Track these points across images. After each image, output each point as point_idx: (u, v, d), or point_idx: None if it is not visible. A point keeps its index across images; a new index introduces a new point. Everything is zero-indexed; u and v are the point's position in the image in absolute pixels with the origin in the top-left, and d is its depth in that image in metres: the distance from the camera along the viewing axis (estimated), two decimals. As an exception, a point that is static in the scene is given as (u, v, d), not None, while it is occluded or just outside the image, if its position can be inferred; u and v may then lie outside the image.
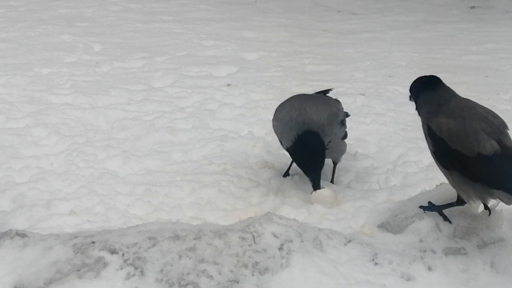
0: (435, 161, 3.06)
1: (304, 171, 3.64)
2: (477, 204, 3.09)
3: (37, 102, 4.98)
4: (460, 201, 3.09)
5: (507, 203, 2.94)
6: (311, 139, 3.58)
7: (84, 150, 4.18)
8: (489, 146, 2.85)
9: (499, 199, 2.95)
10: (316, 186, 3.58)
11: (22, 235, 2.88)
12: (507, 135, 2.94)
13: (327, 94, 4.16)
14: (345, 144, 3.91)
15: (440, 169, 3.05)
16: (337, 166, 3.99)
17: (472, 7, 9.31)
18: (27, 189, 3.65)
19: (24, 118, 4.64)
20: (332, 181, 3.93)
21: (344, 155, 4.01)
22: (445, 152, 2.94)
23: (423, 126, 3.10)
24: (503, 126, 2.96)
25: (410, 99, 3.27)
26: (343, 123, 3.83)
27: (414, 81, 3.22)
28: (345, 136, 3.89)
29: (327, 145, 3.65)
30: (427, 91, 3.09)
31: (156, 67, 6.06)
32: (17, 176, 3.82)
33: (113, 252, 2.76)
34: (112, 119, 4.77)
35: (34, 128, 4.47)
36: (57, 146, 4.24)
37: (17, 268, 2.71)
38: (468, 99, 3.10)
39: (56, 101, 5.04)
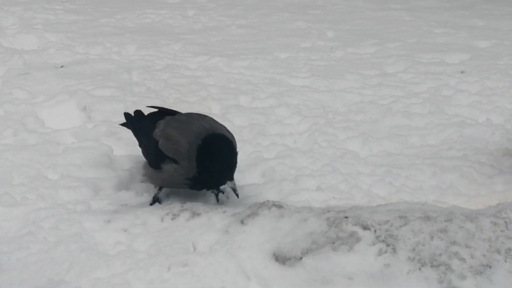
0: None
1: None
2: None
3: (279, 84, 5.20)
4: None
5: None
6: None
7: (325, 130, 4.31)
8: None
9: None
10: None
11: (278, 206, 3.04)
12: None
13: None
14: None
15: None
16: None
17: None
18: (276, 164, 3.83)
19: (268, 99, 4.87)
20: None
21: None
22: None
23: None
24: None
25: None
26: None
27: None
28: None
29: None
30: None
31: (388, 53, 6.08)
32: (265, 152, 4.03)
33: (365, 228, 2.83)
34: (348, 102, 4.86)
35: (278, 108, 4.67)
36: (300, 126, 4.41)
37: (275, 236, 2.86)
38: None
39: (295, 84, 5.24)
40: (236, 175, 3.27)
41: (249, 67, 5.63)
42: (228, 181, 3.15)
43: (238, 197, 3.21)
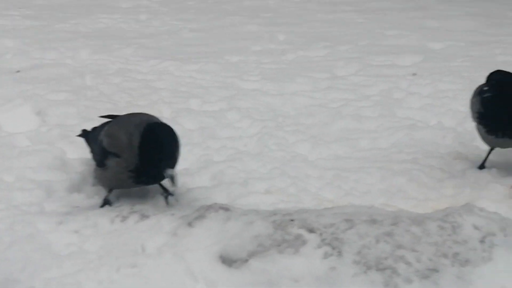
0: None
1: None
2: None
3: (230, 88, 5.18)
4: None
5: None
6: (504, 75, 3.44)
7: (275, 133, 4.28)
8: None
9: None
10: None
11: (225, 208, 3.01)
12: None
13: None
14: None
15: None
16: None
17: None
18: (225, 167, 3.80)
19: (218, 102, 4.84)
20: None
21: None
22: None
23: None
24: None
25: None
26: None
27: None
28: None
29: None
30: None
31: (339, 56, 6.08)
32: (215, 155, 4.00)
33: (311, 231, 2.81)
34: (298, 105, 4.85)
35: (228, 111, 4.65)
36: (250, 129, 4.39)
37: (222, 239, 2.83)
38: None
39: (246, 87, 5.21)
40: (185, 178, 3.25)
41: (200, 70, 5.61)
42: (168, 169, 3.08)
43: (176, 186, 3.14)
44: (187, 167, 3.84)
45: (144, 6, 8.43)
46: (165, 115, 4.54)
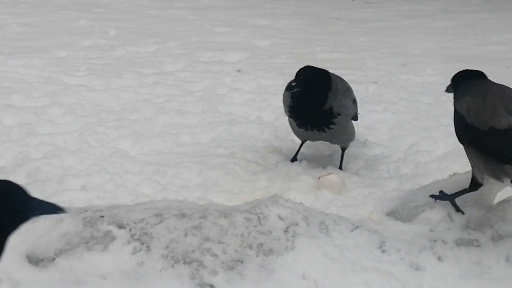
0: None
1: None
2: (489, 183, 2.97)
3: (54, 83, 5.08)
4: (473, 185, 3.00)
5: None
6: (314, 69, 3.63)
7: (97, 129, 4.26)
8: (505, 121, 2.79)
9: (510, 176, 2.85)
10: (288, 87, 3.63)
11: (34, 207, 2.96)
12: None
13: None
14: (353, 129, 3.91)
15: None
16: (346, 153, 4.03)
17: None
18: (42, 164, 3.74)
19: (41, 98, 4.74)
20: (340, 168, 3.95)
21: (352, 143, 4.06)
22: (462, 127, 2.94)
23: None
24: None
25: (447, 90, 3.26)
26: (354, 102, 3.85)
27: (458, 72, 3.22)
28: (355, 117, 3.91)
29: (336, 116, 3.68)
30: (468, 81, 3.10)
31: (168, 52, 6.14)
32: (33, 152, 3.92)
33: (120, 226, 2.83)
34: (124, 101, 4.85)
35: (51, 107, 4.57)
36: (71, 125, 4.34)
37: (29, 238, 2.78)
38: (504, 85, 3.06)
39: (72, 82, 5.14)
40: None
41: (25, 65, 5.50)
42: None
43: None
44: (3, 165, 3.77)
45: (-30, -1, 8.07)
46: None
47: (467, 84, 3.07)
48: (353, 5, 8.67)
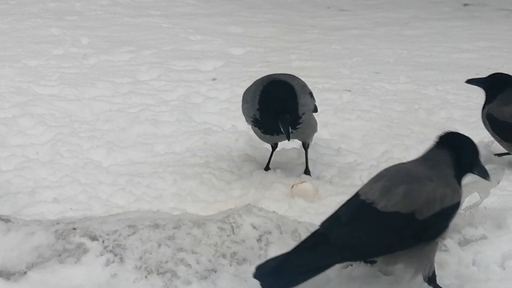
0: (496, 139, 4.04)
1: (274, 118, 3.60)
2: None
3: (25, 93, 5.03)
4: None
5: None
6: (277, 85, 3.63)
7: (69, 140, 4.23)
8: None
9: None
10: (286, 131, 3.57)
11: (6, 220, 2.94)
12: None
13: None
14: (315, 121, 3.93)
15: (502, 144, 4.02)
16: (319, 161, 4.03)
17: (465, 5, 9.29)
18: (13, 176, 3.71)
19: (11, 108, 4.69)
20: (306, 171, 3.95)
21: (325, 150, 4.06)
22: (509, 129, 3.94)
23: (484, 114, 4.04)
24: None
25: (479, 84, 4.14)
26: (311, 95, 3.87)
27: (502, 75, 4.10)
28: (315, 109, 3.93)
29: (301, 117, 3.69)
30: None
31: (142, 61, 6.11)
32: (3, 164, 3.88)
33: (93, 238, 2.83)
34: (97, 110, 4.82)
35: (21, 118, 4.52)
36: (43, 136, 4.30)
37: (0, 251, 2.77)
38: None
39: (43, 92, 5.09)
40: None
41: (-6, 75, 5.41)
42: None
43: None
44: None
45: None
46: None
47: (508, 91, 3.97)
48: (328, 13, 8.69)
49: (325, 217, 3.35)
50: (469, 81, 4.20)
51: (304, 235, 3.01)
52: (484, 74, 5.15)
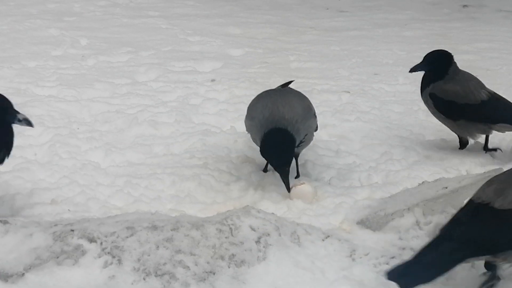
0: (439, 117, 4.26)
1: (275, 169, 3.68)
2: (478, 139, 4.25)
3: (23, 94, 5.02)
4: (462, 145, 4.32)
5: (504, 131, 4.24)
6: (278, 136, 3.62)
7: (67, 141, 4.22)
8: (485, 94, 4.21)
9: (498, 130, 4.20)
10: (287, 183, 3.61)
11: (4, 222, 2.95)
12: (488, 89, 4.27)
13: (289, 86, 4.19)
14: (313, 137, 3.95)
15: (445, 122, 4.26)
16: (318, 162, 4.03)
17: (465, 6, 9.30)
18: (11, 178, 3.70)
19: (9, 109, 4.68)
20: (297, 176, 3.95)
21: (324, 152, 4.05)
22: (453, 108, 4.17)
23: (424, 95, 4.29)
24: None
25: (423, 69, 4.32)
26: (315, 115, 3.89)
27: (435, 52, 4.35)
28: (316, 128, 3.95)
29: (303, 138, 3.70)
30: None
31: (141, 62, 6.11)
32: (1, 166, 3.86)
33: (91, 240, 2.83)
34: (95, 111, 4.82)
35: (19, 119, 4.51)
36: (41, 137, 4.28)
37: (-1, 253, 2.78)
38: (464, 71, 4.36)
39: (41, 93, 5.08)
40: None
41: (-8, 76, 5.41)
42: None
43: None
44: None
45: None
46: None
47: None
48: (327, 14, 8.69)
49: (324, 218, 3.40)
50: (412, 70, 4.37)
51: (303, 237, 3.02)
52: (483, 75, 5.18)
